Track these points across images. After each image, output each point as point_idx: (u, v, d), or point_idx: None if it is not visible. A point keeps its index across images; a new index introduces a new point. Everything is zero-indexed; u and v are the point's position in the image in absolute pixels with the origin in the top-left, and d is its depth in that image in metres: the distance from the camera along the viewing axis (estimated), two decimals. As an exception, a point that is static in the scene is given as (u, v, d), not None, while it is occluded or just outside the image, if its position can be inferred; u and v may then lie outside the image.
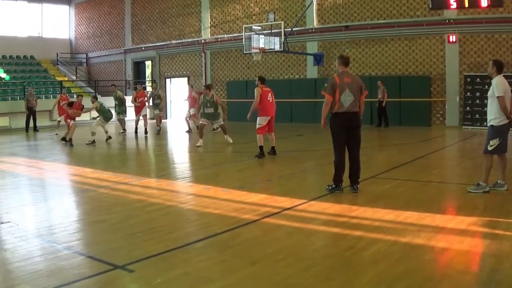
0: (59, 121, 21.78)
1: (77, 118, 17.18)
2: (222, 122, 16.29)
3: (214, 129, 19.28)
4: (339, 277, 4.72)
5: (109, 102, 20.63)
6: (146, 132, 19.47)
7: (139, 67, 33.82)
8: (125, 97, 21.62)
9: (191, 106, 20.18)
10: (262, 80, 13.00)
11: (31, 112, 23.06)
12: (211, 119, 15.90)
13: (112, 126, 21.11)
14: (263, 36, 23.24)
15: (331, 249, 5.66)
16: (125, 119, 20.55)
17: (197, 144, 15.37)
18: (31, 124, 23.24)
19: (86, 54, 36.10)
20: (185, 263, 5.13)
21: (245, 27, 23.69)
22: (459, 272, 4.80)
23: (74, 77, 33.83)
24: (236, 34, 26.97)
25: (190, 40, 29.71)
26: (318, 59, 24.60)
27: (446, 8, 20.57)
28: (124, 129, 20.16)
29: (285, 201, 7.78)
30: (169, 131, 22.21)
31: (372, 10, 23.01)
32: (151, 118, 23.13)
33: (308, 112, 24.00)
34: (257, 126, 12.89)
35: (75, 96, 22.58)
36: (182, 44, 30.12)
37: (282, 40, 22.49)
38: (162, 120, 21.45)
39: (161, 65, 31.80)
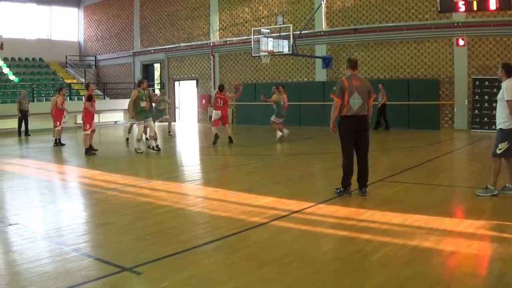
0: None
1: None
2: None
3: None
4: (348, 281, 4.71)
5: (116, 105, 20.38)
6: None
7: (148, 69, 33.92)
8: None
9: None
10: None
11: (23, 116, 22.25)
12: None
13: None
14: (271, 39, 23.20)
15: (339, 252, 5.65)
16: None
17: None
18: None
19: (95, 57, 36.26)
20: (193, 266, 5.13)
21: (253, 30, 23.69)
22: (467, 276, 4.78)
23: (83, 80, 33.93)
24: (244, 37, 27.00)
25: (198, 43, 29.78)
26: (326, 62, 24.58)
27: (455, 11, 20.50)
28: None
29: (293, 204, 7.77)
30: (178, 134, 22.22)
31: (380, 13, 22.98)
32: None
33: (316, 115, 23.96)
34: None
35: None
36: (190, 47, 30.20)
37: (291, 43, 22.47)
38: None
39: (170, 68, 31.87)
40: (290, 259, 5.28)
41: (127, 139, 17.82)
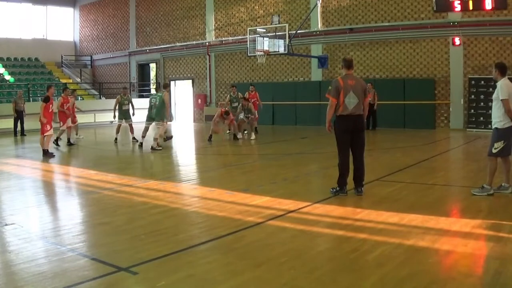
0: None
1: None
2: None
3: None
4: (344, 280, 4.72)
5: (112, 105, 20.04)
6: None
7: (143, 69, 33.90)
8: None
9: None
10: None
11: (19, 116, 22.31)
12: None
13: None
14: (267, 38, 23.21)
15: (335, 251, 5.66)
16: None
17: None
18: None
19: (91, 56, 36.22)
20: (190, 266, 5.13)
21: (249, 29, 23.68)
22: (463, 275, 4.79)
23: (78, 79, 33.91)
24: (240, 37, 27.01)
25: (194, 42, 29.77)
26: (322, 61, 24.61)
27: (451, 11, 20.53)
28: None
29: (289, 204, 7.77)
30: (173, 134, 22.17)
31: (376, 12, 23.00)
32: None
33: (312, 115, 23.99)
34: None
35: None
36: (186, 47, 30.19)
37: (287, 42, 22.48)
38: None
39: (166, 68, 31.84)
40: (286, 259, 5.28)
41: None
